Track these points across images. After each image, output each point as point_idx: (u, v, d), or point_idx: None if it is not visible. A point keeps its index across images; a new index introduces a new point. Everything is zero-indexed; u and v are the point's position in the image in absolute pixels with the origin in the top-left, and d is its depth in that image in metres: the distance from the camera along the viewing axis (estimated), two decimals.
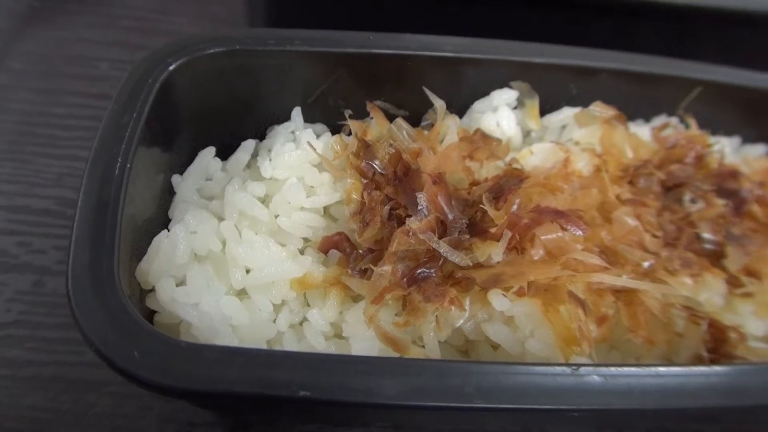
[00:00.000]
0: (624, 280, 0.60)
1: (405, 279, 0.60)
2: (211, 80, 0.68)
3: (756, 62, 1.04)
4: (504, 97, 0.77)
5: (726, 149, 0.87)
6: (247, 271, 0.61)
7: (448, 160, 0.69)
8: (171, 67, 0.63)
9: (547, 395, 0.48)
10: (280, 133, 0.72)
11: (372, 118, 0.74)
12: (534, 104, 0.78)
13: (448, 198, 0.66)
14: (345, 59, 0.72)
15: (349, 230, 0.66)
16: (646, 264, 0.64)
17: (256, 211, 0.64)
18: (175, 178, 0.67)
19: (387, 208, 0.65)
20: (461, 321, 0.59)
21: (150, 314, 0.58)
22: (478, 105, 0.77)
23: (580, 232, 0.63)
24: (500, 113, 0.76)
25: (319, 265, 0.64)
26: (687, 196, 0.72)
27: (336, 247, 0.66)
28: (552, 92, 0.81)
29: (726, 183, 0.76)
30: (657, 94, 0.86)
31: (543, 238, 0.62)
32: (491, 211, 0.64)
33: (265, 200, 0.67)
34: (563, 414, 0.51)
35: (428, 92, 0.72)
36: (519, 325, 0.58)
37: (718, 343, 0.63)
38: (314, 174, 0.68)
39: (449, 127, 0.73)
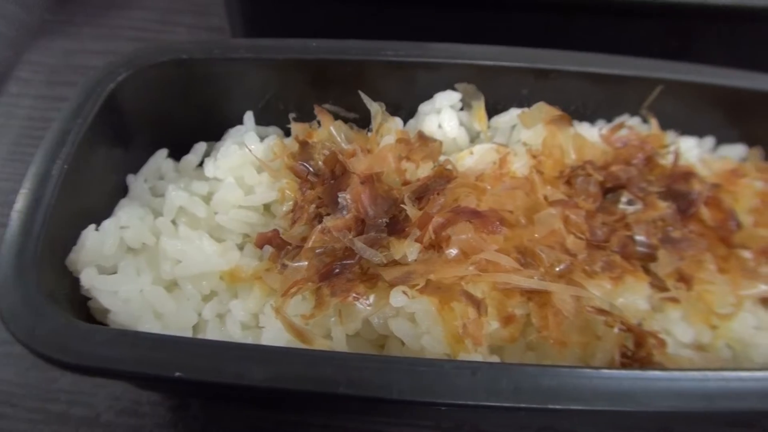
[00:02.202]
0: (531, 281, 0.61)
1: (319, 274, 0.64)
2: (163, 88, 0.74)
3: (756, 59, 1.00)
4: (447, 99, 0.78)
5: (694, 150, 0.84)
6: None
7: (382, 161, 0.72)
8: (120, 77, 0.70)
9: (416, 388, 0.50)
10: (231, 135, 0.78)
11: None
12: (480, 106, 0.79)
13: (373, 198, 0.69)
14: (290, 66, 0.76)
15: (283, 228, 0.70)
16: (561, 266, 0.63)
17: (195, 208, 0.70)
18: (129, 178, 0.74)
19: (313, 207, 0.69)
20: (364, 316, 0.62)
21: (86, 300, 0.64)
22: (423, 107, 0.79)
23: (495, 233, 0.64)
24: (443, 115, 0.78)
25: (253, 259, 0.69)
26: (624, 198, 0.70)
27: (269, 243, 0.70)
28: (507, 94, 0.82)
29: (676, 185, 0.74)
30: (621, 94, 0.84)
31: (455, 237, 0.64)
32: (410, 211, 0.66)
33: (208, 198, 0.72)
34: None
35: (363, 96, 0.75)
36: (418, 322, 0.60)
37: (639, 348, 0.62)
38: (253, 174, 0.72)
39: (390, 129, 0.76)
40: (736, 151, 0.88)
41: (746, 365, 0.65)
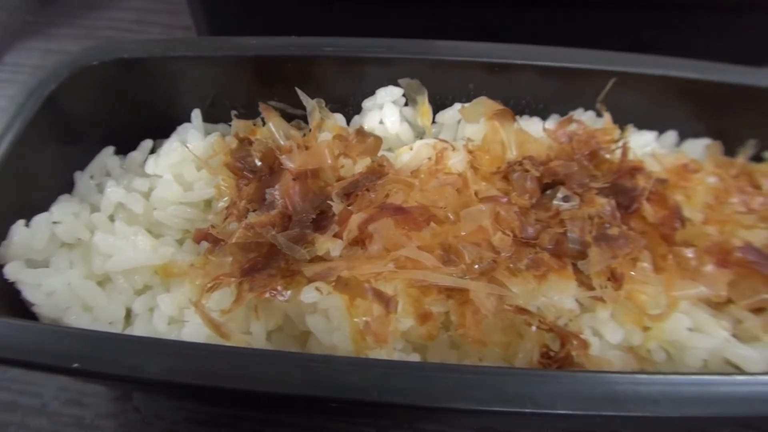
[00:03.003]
0: (447, 279, 0.60)
1: (241, 269, 0.64)
2: (108, 87, 0.75)
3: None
4: (388, 94, 0.77)
5: (652, 144, 0.81)
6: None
7: (318, 157, 0.72)
8: (62, 78, 0.72)
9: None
10: (178, 133, 0.79)
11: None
12: (424, 101, 0.78)
13: (303, 194, 0.69)
14: (231, 63, 0.77)
15: (217, 223, 0.71)
16: (483, 263, 0.62)
17: (133, 205, 0.71)
18: (76, 175, 0.76)
19: (243, 203, 0.69)
20: (283, 311, 0.62)
21: None
22: (366, 103, 0.79)
23: (418, 229, 0.64)
24: (385, 111, 0.77)
25: (192, 255, 0.70)
26: (560, 194, 0.68)
27: (205, 238, 0.71)
28: (455, 89, 0.81)
29: (621, 180, 0.72)
30: (576, 88, 0.82)
31: (376, 234, 0.63)
32: (335, 207, 0.66)
33: (149, 195, 0.74)
34: None
35: (300, 92, 0.75)
36: (330, 318, 0.60)
37: (562, 349, 0.61)
38: (193, 171, 0.74)
39: (329, 126, 0.76)
40: (701, 145, 0.84)
41: (682, 369, 0.63)
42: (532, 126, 0.78)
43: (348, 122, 0.81)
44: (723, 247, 0.67)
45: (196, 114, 0.80)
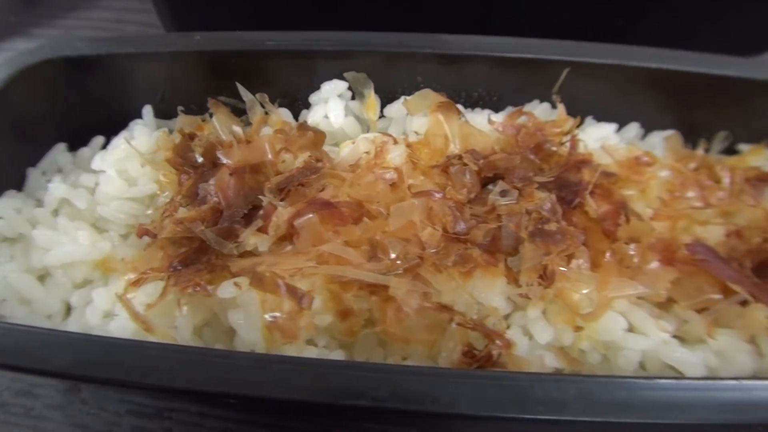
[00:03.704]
0: (366, 275, 0.59)
1: (169, 264, 0.64)
2: (58, 84, 0.77)
3: None
4: (334, 88, 0.76)
5: (611, 137, 0.78)
6: None
7: (258, 152, 0.72)
8: (7, 76, 0.73)
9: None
10: (129, 129, 0.80)
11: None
12: (370, 94, 0.77)
13: (238, 189, 0.69)
14: (176, 59, 0.77)
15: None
16: (408, 259, 0.61)
17: (76, 200, 0.72)
18: (28, 171, 0.77)
19: (179, 198, 0.69)
20: (208, 306, 0.62)
21: None
22: (312, 97, 0.78)
23: (344, 224, 0.63)
24: (330, 105, 0.76)
25: (132, 249, 0.71)
26: (498, 188, 0.66)
27: (147, 233, 0.72)
28: (406, 81, 0.79)
29: (567, 174, 0.69)
30: (531, 79, 0.79)
31: (302, 229, 0.63)
32: (265, 202, 0.65)
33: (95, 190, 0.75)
34: None
35: (240, 87, 0.75)
36: (249, 313, 0.59)
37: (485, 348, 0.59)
38: (137, 167, 0.74)
39: (273, 121, 0.75)
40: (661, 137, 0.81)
41: (615, 371, 0.60)
42: (484, 119, 0.76)
43: (297, 117, 0.80)
44: (668, 244, 0.63)
45: (147, 110, 0.80)
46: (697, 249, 0.63)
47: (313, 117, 0.76)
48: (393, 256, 0.61)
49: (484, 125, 0.74)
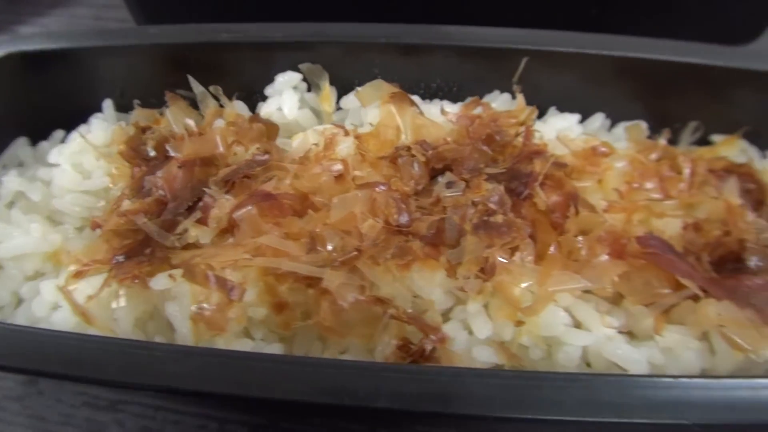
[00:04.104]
0: (300, 267, 0.58)
1: (114, 256, 0.64)
2: (16, 79, 0.77)
3: None
4: (287, 80, 0.76)
5: (575, 128, 0.76)
6: None
7: (207, 145, 0.71)
8: None
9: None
10: (89, 123, 0.80)
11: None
12: (325, 86, 0.76)
13: (186, 181, 0.69)
14: (134, 53, 0.77)
15: None
16: (346, 251, 0.60)
17: (31, 193, 0.73)
18: None
19: (127, 190, 0.69)
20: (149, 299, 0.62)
21: None
22: (268, 90, 0.77)
23: (283, 216, 0.62)
24: (284, 96, 0.75)
25: (85, 242, 0.71)
26: (444, 180, 0.65)
27: (99, 226, 0.72)
28: (363, 72, 0.78)
29: (519, 165, 0.67)
30: (490, 69, 0.78)
31: (241, 221, 0.62)
32: (210, 194, 0.65)
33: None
34: None
35: (191, 80, 0.74)
36: (183, 306, 0.59)
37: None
38: (92, 160, 0.74)
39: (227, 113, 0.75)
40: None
41: (557, 368, 0.58)
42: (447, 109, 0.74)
43: (255, 110, 0.79)
44: (618, 237, 0.61)
45: (107, 104, 0.80)
46: (649, 242, 0.61)
47: (267, 109, 0.75)
48: (330, 248, 0.60)
49: (439, 116, 0.73)
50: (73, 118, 0.82)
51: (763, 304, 0.59)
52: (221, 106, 0.75)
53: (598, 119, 0.78)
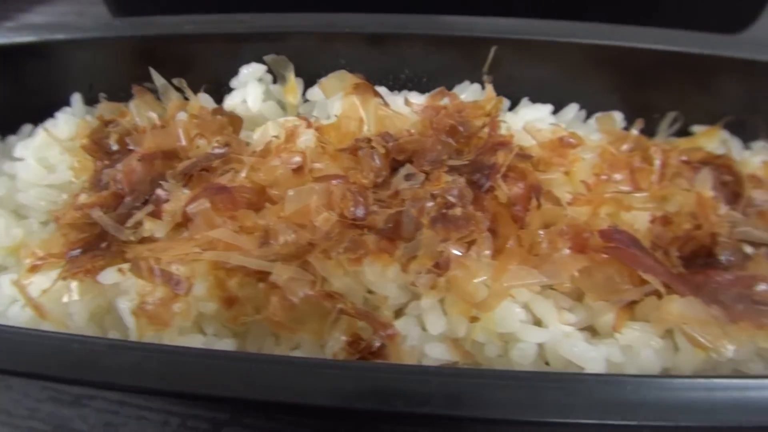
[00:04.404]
0: (249, 261, 0.57)
1: (70, 250, 0.64)
2: None
3: None
4: (252, 71, 0.74)
5: (546, 119, 0.74)
6: None
7: (170, 138, 0.70)
8: None
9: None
10: (57, 117, 0.80)
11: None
12: (291, 77, 0.75)
13: (145, 175, 0.68)
14: (97, 46, 0.76)
15: None
16: (298, 245, 0.58)
17: None
18: None
19: (86, 184, 0.69)
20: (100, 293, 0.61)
21: None
22: (233, 82, 0.76)
23: (235, 209, 0.61)
24: (248, 89, 0.74)
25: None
26: (403, 172, 0.63)
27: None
28: (329, 63, 0.77)
29: (483, 157, 0.65)
30: (460, 59, 0.76)
31: (195, 215, 0.61)
32: (165, 188, 0.64)
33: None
34: None
35: (153, 72, 0.73)
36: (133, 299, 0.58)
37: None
38: (56, 154, 0.74)
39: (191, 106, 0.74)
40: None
41: (513, 366, 0.56)
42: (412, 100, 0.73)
43: (222, 102, 0.78)
44: (580, 231, 0.59)
45: (76, 98, 0.80)
46: (612, 236, 0.58)
47: (232, 101, 0.74)
48: (282, 242, 0.59)
49: (406, 108, 0.71)
50: (43, 112, 0.82)
51: (731, 300, 0.57)
52: (186, 98, 0.74)
53: (573, 110, 0.76)
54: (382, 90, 0.74)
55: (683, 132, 0.78)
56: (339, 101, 0.73)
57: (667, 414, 0.44)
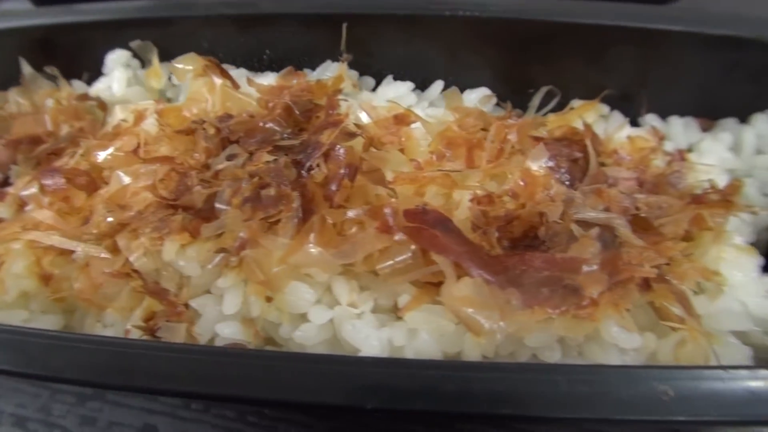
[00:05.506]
0: (56, 239, 0.59)
1: None
2: None
3: None
4: (117, 57, 0.76)
5: (407, 97, 0.72)
6: None
7: (35, 124, 0.74)
8: None
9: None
10: None
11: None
12: (154, 62, 0.76)
13: (8, 159, 0.71)
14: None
15: None
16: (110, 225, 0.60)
17: None
18: None
19: None
20: None
21: None
22: (104, 68, 0.78)
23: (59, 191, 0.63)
24: (114, 74, 0.76)
25: None
26: (225, 153, 0.63)
27: None
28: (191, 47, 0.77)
29: (314, 137, 0.64)
30: (327, 38, 0.74)
31: (28, 198, 0.64)
32: (14, 171, 0.67)
33: None
34: None
35: (22, 61, 0.77)
36: None
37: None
38: None
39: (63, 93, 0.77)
40: (481, 95, 0.73)
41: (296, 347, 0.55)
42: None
43: None
44: (381, 211, 0.57)
45: None
46: (416, 215, 0.56)
47: (99, 87, 0.77)
48: (96, 221, 0.60)
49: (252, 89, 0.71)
50: None
51: (539, 284, 0.53)
52: (57, 86, 0.77)
53: (437, 87, 0.73)
54: (242, 72, 0.74)
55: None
56: (194, 83, 0.73)
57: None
